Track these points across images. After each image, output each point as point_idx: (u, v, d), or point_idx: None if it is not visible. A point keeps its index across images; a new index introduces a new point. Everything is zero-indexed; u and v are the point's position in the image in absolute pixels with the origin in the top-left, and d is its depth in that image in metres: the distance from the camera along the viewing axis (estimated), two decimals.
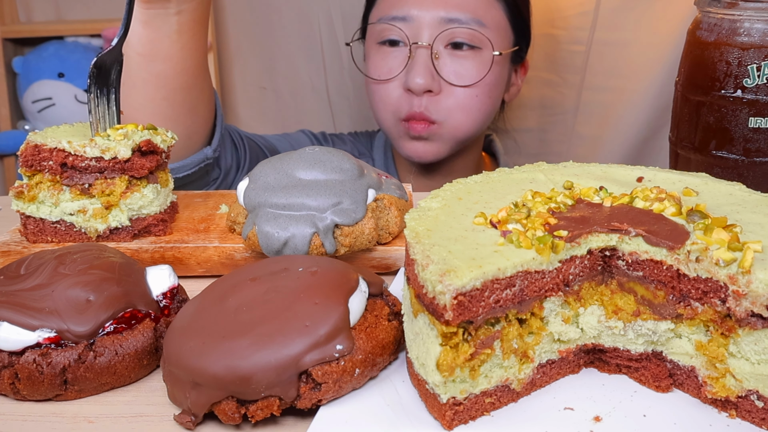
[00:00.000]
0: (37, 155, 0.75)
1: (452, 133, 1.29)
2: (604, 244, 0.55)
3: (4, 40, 1.84)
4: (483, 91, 1.27)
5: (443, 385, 0.50)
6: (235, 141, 1.24)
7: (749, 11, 0.75)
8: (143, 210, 0.78)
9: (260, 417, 0.52)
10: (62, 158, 0.75)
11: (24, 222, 0.78)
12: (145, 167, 0.76)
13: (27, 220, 0.78)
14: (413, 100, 1.26)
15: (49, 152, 0.75)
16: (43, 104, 1.82)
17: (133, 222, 0.78)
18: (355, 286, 0.58)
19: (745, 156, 0.78)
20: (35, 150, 0.75)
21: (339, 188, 0.72)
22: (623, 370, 0.58)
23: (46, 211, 0.77)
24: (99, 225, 0.77)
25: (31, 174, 0.76)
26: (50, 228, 0.78)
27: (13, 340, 0.56)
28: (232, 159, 1.22)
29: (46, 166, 0.75)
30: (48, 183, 0.76)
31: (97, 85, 0.80)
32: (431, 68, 1.24)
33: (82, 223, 0.77)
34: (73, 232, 0.78)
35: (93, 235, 0.78)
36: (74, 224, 0.77)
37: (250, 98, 1.83)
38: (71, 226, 0.77)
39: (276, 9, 1.72)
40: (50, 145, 0.75)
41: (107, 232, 0.78)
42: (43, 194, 0.76)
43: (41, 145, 0.75)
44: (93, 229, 0.77)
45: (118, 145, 0.74)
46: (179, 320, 0.57)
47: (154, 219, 0.78)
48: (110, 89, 0.81)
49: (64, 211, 0.77)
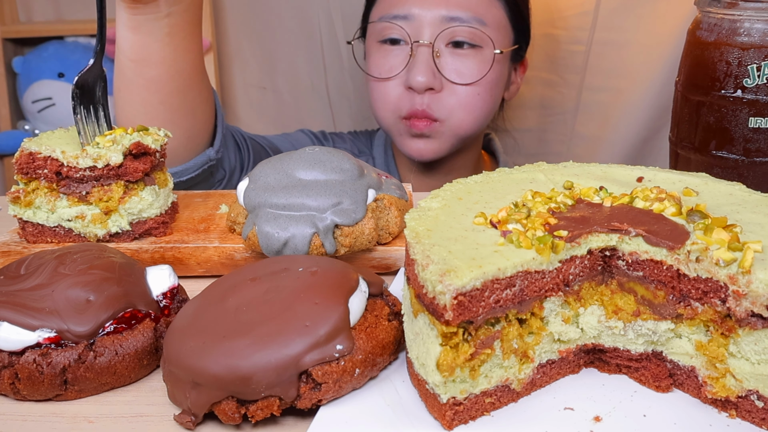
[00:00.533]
0: (31, 163, 0.75)
1: (454, 130, 1.30)
2: (604, 244, 0.55)
3: (4, 40, 1.84)
4: (484, 89, 1.28)
5: (443, 385, 0.51)
6: (238, 141, 1.24)
7: (749, 11, 0.75)
8: (143, 213, 0.77)
9: (260, 417, 0.52)
10: (56, 167, 0.74)
11: (22, 225, 0.78)
12: (139, 170, 0.75)
13: (25, 224, 0.78)
14: (415, 97, 1.26)
15: (43, 161, 0.74)
16: (43, 104, 1.82)
17: (134, 226, 0.78)
18: (355, 286, 0.58)
19: (745, 156, 0.78)
20: (30, 158, 0.75)
21: (339, 188, 0.72)
22: (623, 370, 0.58)
23: (43, 217, 0.77)
24: (98, 230, 0.77)
25: (27, 181, 0.76)
26: (49, 231, 0.78)
27: (13, 340, 0.56)
28: (236, 159, 1.22)
29: (41, 174, 0.75)
30: (45, 189, 0.76)
31: (82, 105, 0.79)
32: (432, 66, 1.24)
33: (81, 228, 0.77)
34: (72, 235, 0.78)
35: (93, 239, 0.78)
36: (73, 229, 0.77)
37: (250, 98, 1.83)
38: (70, 231, 0.77)
39: (276, 9, 1.72)
40: (44, 154, 0.74)
41: (107, 237, 0.78)
42: (39, 200, 0.76)
43: (35, 153, 0.74)
44: (92, 234, 0.77)
45: (108, 151, 0.74)
46: (179, 320, 0.57)
47: (154, 222, 0.78)
48: (97, 107, 0.80)
49: (62, 218, 0.76)
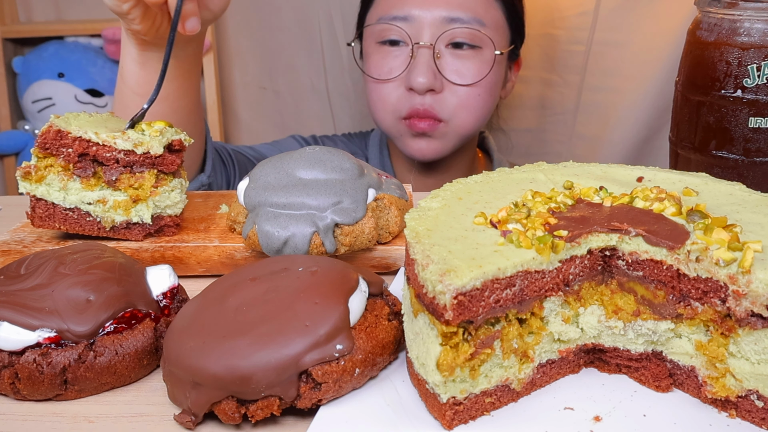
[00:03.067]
0: (58, 140, 0.74)
1: (457, 131, 1.30)
2: (604, 244, 0.55)
3: (4, 40, 1.84)
4: (484, 89, 1.29)
5: (443, 385, 0.51)
6: (224, 158, 1.27)
7: (749, 11, 0.75)
8: (168, 210, 0.79)
9: (260, 417, 0.52)
10: (83, 148, 0.74)
11: (33, 205, 0.77)
12: (176, 162, 0.77)
13: (37, 203, 0.77)
14: (415, 98, 1.27)
15: (71, 140, 0.74)
16: (43, 104, 1.82)
17: (154, 219, 0.78)
18: (355, 286, 0.58)
19: (745, 156, 0.78)
20: (57, 135, 0.74)
21: (339, 188, 0.72)
22: (623, 370, 0.58)
23: (60, 197, 0.76)
24: (118, 217, 0.77)
25: (44, 156, 0.75)
26: (60, 214, 0.77)
27: (13, 340, 0.56)
28: (222, 177, 1.25)
29: (64, 152, 0.74)
30: (59, 168, 0.75)
31: None
32: (433, 67, 1.25)
33: (100, 212, 0.77)
34: (85, 221, 0.77)
35: (108, 225, 0.77)
36: (90, 213, 0.77)
37: (250, 98, 1.83)
38: (85, 215, 0.77)
39: (276, 9, 1.72)
40: (75, 134, 0.74)
41: (124, 225, 0.77)
42: (51, 177, 0.75)
43: (65, 131, 0.74)
44: (110, 219, 0.77)
45: (153, 140, 0.75)
46: (179, 320, 0.57)
47: (171, 220, 0.79)
48: None
49: (83, 200, 0.76)
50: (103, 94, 1.80)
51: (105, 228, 0.77)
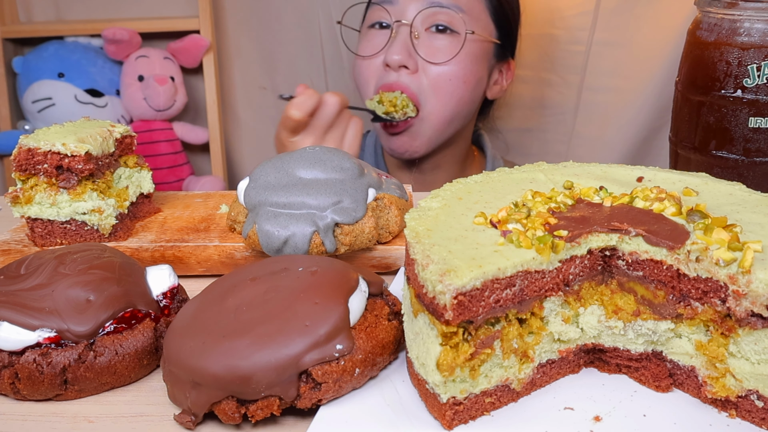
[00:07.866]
0: (30, 159, 0.74)
1: (430, 120, 1.33)
2: (604, 244, 0.55)
3: (4, 40, 1.84)
4: (456, 75, 1.31)
5: (443, 385, 0.50)
6: None
7: (749, 11, 0.75)
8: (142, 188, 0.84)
9: (260, 417, 0.52)
10: (57, 161, 0.74)
11: (31, 226, 0.77)
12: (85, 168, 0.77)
13: (34, 224, 0.77)
14: (390, 74, 1.31)
15: (43, 155, 0.74)
16: (43, 104, 1.82)
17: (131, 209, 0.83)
18: (355, 286, 0.58)
19: (745, 156, 0.78)
20: (29, 154, 0.74)
21: (339, 187, 0.72)
22: (623, 370, 0.58)
23: (53, 213, 0.76)
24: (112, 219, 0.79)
25: (26, 178, 0.76)
26: (59, 229, 0.77)
27: (13, 340, 0.56)
28: None
29: (41, 169, 0.75)
30: (44, 185, 0.76)
31: None
32: (409, 45, 1.30)
33: (97, 221, 0.77)
34: (84, 231, 0.77)
35: (106, 232, 0.78)
36: (86, 222, 0.77)
37: (250, 98, 1.83)
38: (82, 225, 0.77)
39: (276, 9, 1.72)
40: (44, 149, 0.74)
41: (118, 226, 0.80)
42: (39, 196, 0.76)
43: (34, 148, 0.74)
44: (108, 226, 0.78)
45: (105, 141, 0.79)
46: (179, 320, 0.57)
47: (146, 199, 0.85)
48: None
49: (76, 211, 0.76)
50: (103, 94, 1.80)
51: (104, 235, 0.78)
